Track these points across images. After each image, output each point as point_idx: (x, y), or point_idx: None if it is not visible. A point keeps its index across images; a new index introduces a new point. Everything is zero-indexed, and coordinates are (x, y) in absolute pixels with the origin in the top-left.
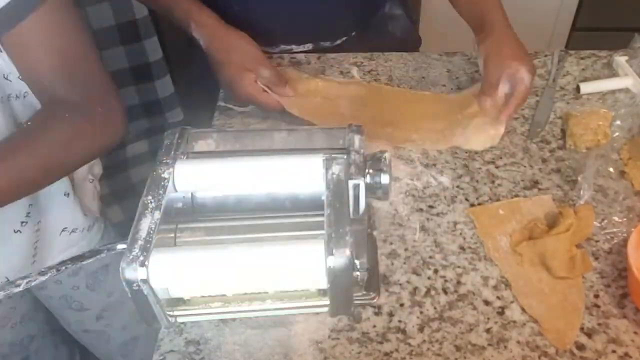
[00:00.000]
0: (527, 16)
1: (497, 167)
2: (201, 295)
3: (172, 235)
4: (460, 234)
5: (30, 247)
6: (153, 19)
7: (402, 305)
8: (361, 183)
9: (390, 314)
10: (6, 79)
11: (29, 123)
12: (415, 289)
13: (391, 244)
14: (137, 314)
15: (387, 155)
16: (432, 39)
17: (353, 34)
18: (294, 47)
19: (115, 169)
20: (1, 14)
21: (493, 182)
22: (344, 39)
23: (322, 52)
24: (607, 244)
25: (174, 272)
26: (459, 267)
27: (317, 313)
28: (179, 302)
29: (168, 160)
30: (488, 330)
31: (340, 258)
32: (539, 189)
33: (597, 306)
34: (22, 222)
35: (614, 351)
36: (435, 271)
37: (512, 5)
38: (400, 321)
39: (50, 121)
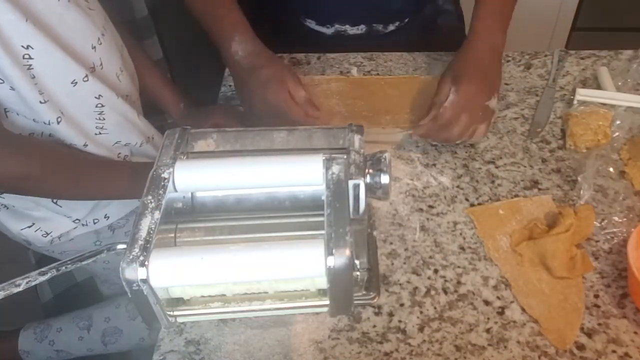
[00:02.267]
0: (527, 16)
1: (497, 167)
2: (201, 295)
3: (172, 235)
4: (460, 234)
5: None
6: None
7: (402, 305)
8: (361, 183)
9: (390, 314)
10: None
11: None
12: (415, 289)
13: (391, 244)
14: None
15: (387, 155)
16: None
17: (406, 20)
18: (348, 28)
19: None
20: None
21: (493, 182)
22: (397, 24)
23: (375, 36)
24: (607, 244)
25: (174, 272)
26: (459, 267)
27: (317, 313)
28: (179, 302)
29: (168, 160)
30: (488, 330)
31: (340, 258)
32: (539, 189)
33: (597, 306)
34: None
35: (614, 351)
36: (435, 271)
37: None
38: (400, 321)
39: None
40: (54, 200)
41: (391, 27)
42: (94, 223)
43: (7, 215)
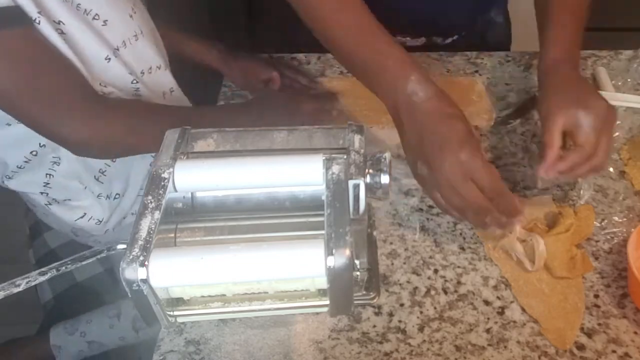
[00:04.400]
0: (527, 16)
1: (497, 167)
2: (201, 295)
3: (172, 235)
4: (460, 234)
5: None
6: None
7: (402, 305)
8: (361, 183)
9: (390, 314)
10: None
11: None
12: (415, 289)
13: (391, 244)
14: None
15: (387, 155)
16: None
17: (463, 33)
18: (408, 40)
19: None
20: None
21: None
22: (455, 37)
23: (434, 48)
24: (607, 244)
25: (174, 272)
26: (459, 267)
27: (317, 313)
28: (179, 302)
29: (168, 160)
30: (488, 330)
31: (340, 258)
32: (539, 189)
33: (597, 306)
34: None
35: (614, 351)
36: (435, 271)
37: (513, 5)
38: (400, 321)
39: None
40: (99, 178)
41: (449, 40)
42: None
43: (60, 209)
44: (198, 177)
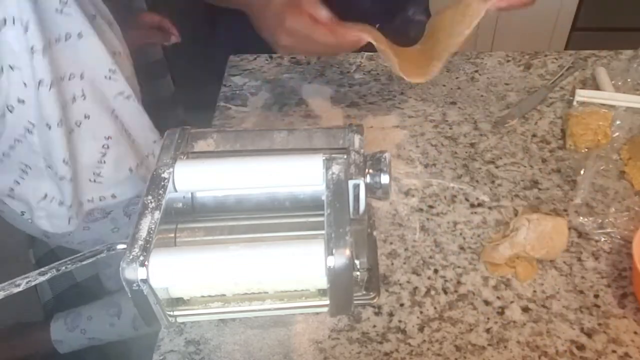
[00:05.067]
0: (527, 16)
1: (497, 167)
2: (201, 295)
3: (172, 235)
4: (460, 234)
5: None
6: None
7: (402, 305)
8: (361, 183)
9: (390, 314)
10: None
11: None
12: (415, 289)
13: (391, 244)
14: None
15: (387, 155)
16: None
17: (377, 26)
18: None
19: None
20: None
21: (493, 182)
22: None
23: None
24: (607, 244)
25: (174, 272)
26: (459, 267)
27: (317, 313)
28: (179, 302)
29: (168, 160)
30: (488, 330)
31: (340, 258)
32: (539, 189)
33: (597, 306)
34: None
35: (614, 351)
36: (435, 271)
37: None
38: (400, 321)
39: None
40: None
41: None
42: (100, 200)
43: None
44: (198, 177)
